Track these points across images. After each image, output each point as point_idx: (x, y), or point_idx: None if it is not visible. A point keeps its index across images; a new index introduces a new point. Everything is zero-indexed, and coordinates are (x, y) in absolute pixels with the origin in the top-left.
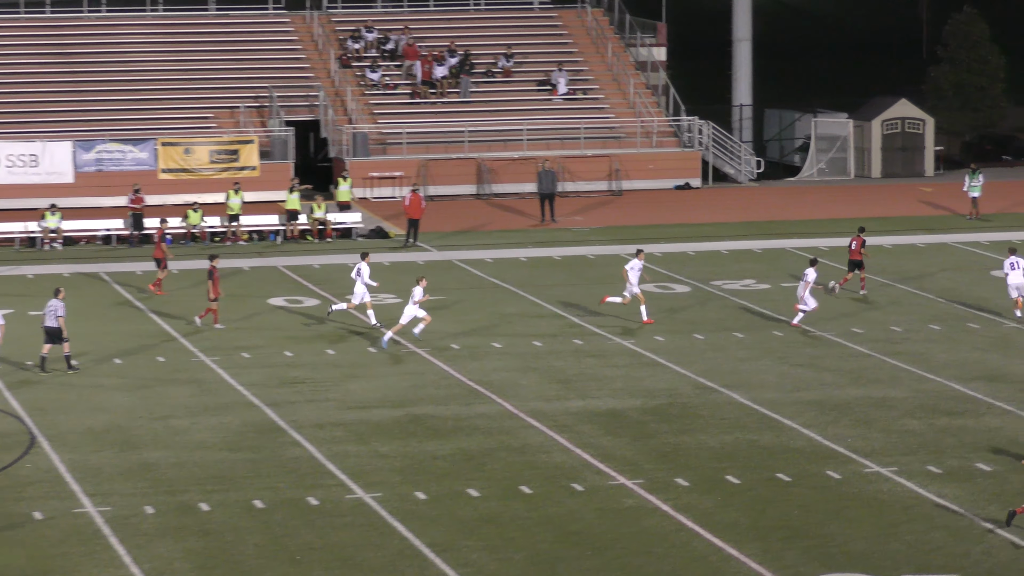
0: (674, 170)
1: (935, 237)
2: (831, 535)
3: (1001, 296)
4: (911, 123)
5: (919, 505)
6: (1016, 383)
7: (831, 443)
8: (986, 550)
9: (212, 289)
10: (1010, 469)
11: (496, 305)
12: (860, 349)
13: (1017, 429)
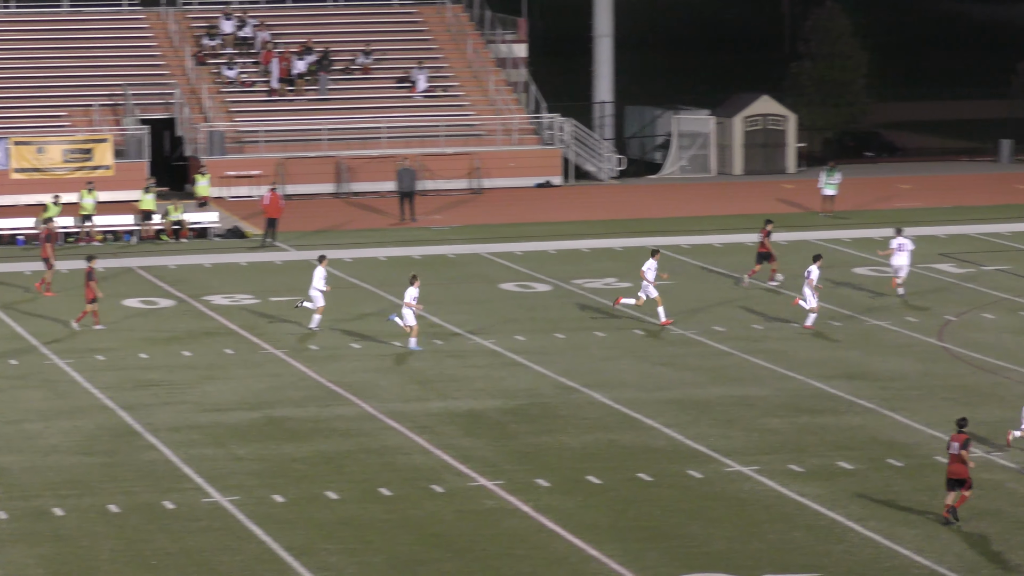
0: (535, 168)
1: (796, 234)
2: (692, 535)
3: (861, 294)
4: (773, 120)
5: (780, 504)
6: (877, 381)
7: (692, 442)
8: (847, 549)
9: (90, 291)
10: (871, 467)
11: (355, 305)
12: (721, 347)
13: (878, 427)
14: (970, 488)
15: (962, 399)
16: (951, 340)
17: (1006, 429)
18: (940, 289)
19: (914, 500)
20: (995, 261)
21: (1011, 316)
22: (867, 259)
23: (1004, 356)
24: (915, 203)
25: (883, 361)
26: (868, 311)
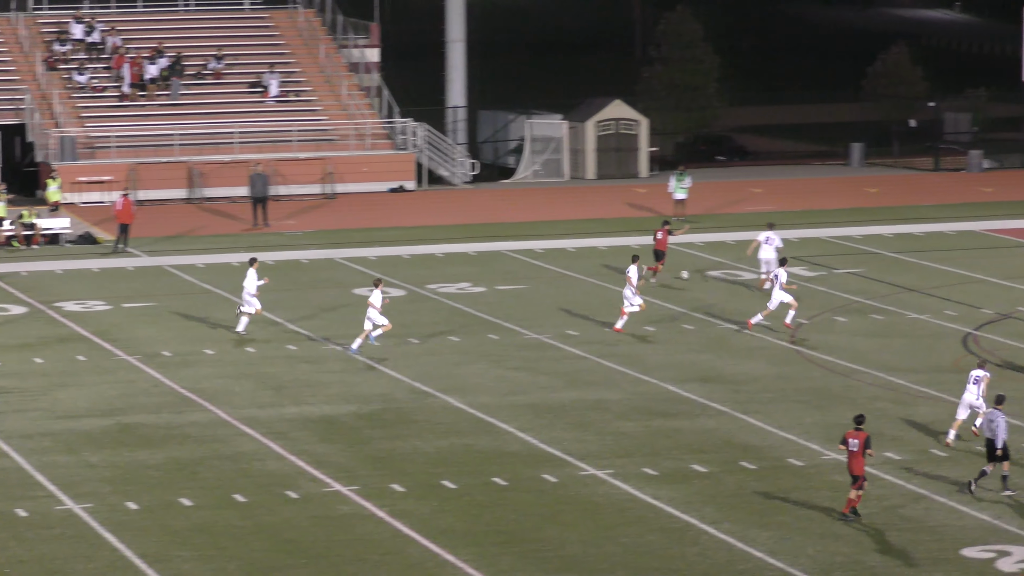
0: (388, 173)
1: (648, 239)
2: (547, 539)
3: (714, 297)
4: (625, 124)
5: (634, 508)
6: (730, 384)
7: (547, 446)
8: (701, 551)
9: None
10: (724, 470)
11: (208, 311)
12: (575, 351)
13: (731, 430)
14: (861, 488)
15: (814, 402)
16: (803, 343)
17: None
18: (792, 292)
19: (767, 502)
20: (846, 264)
21: (862, 319)
22: (720, 263)
23: (856, 359)
24: (767, 207)
25: (736, 364)
26: (721, 314)
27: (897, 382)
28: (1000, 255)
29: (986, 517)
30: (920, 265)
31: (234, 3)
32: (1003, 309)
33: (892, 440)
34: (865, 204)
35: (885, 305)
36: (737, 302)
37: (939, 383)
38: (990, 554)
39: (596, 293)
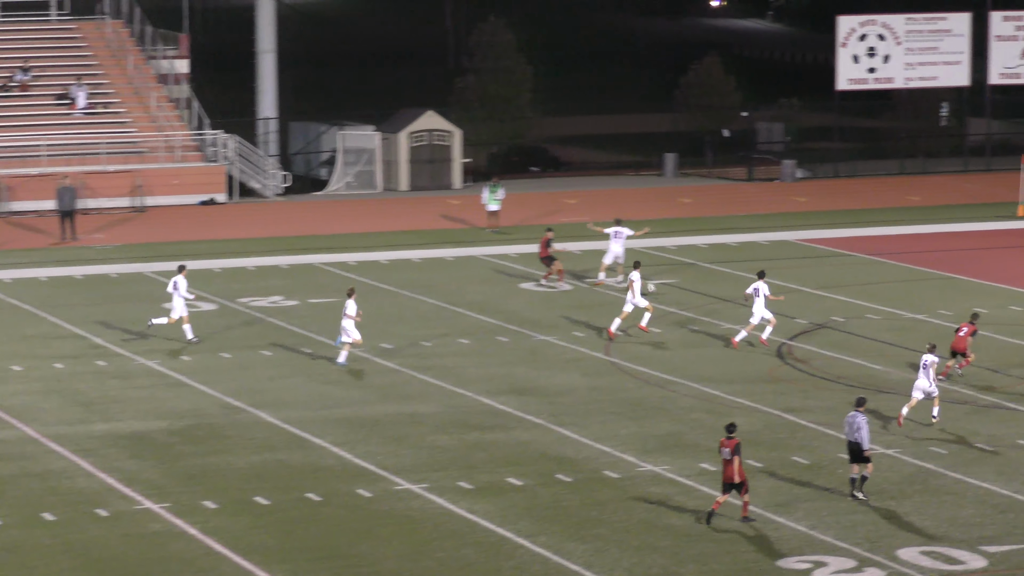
0: (199, 185)
1: (463, 250)
2: (362, 554)
3: (530, 309)
4: (438, 135)
5: (450, 522)
6: (545, 396)
7: (361, 461)
8: (517, 565)
9: None
10: (540, 483)
11: (15, 327)
12: (390, 365)
13: (547, 442)
14: (747, 491)
15: (629, 413)
16: (618, 354)
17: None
18: (607, 304)
19: (583, 515)
20: (661, 275)
21: (678, 330)
22: (534, 275)
23: (671, 370)
24: (581, 217)
25: (551, 376)
26: (535, 326)
27: (713, 393)
28: (814, 265)
29: (803, 528)
30: (735, 275)
31: (40, 14)
32: (817, 319)
33: (708, 451)
34: (679, 214)
35: (700, 316)
36: (552, 313)
37: (754, 393)
38: (807, 565)
39: (410, 306)
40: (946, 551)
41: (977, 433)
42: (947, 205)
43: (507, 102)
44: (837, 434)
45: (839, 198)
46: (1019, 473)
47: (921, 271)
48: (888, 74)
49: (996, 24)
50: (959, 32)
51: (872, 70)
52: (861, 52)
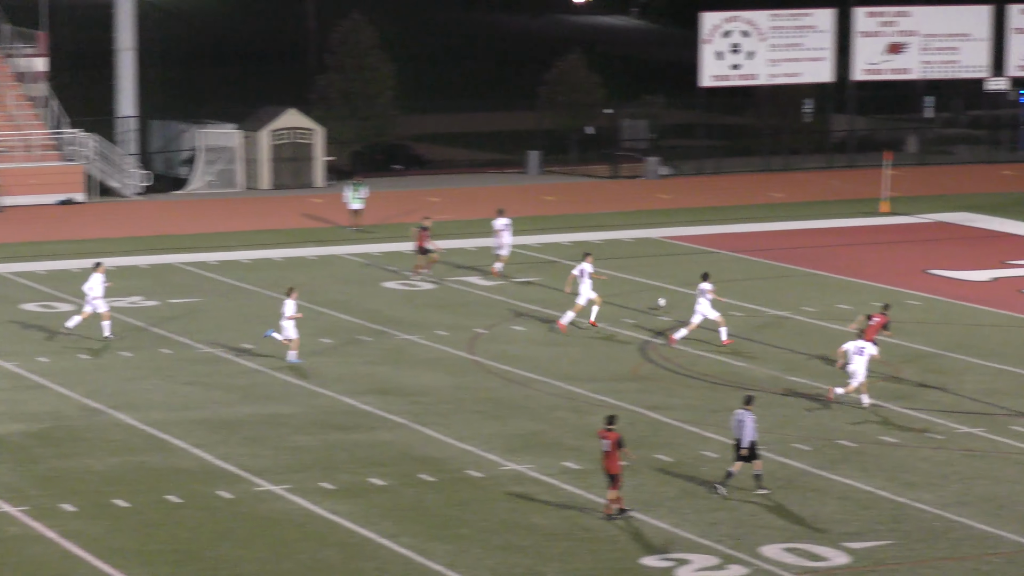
0: (57, 185)
1: (325, 249)
2: (222, 556)
3: (393, 308)
4: (301, 133)
5: (312, 523)
6: (408, 395)
7: (222, 462)
8: (379, 566)
9: None
10: (403, 483)
11: None
12: (250, 365)
13: (409, 442)
14: (619, 487)
15: (493, 412)
16: (481, 353)
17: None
18: (470, 302)
19: (446, 514)
20: (524, 273)
21: (540, 328)
22: (398, 274)
23: (534, 368)
24: (444, 216)
25: (414, 376)
26: (398, 325)
27: (576, 391)
28: (677, 262)
29: (665, 525)
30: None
31: None
32: (681, 316)
33: (571, 449)
34: (543, 212)
35: (562, 313)
36: (415, 312)
37: (618, 391)
38: (669, 563)
39: (271, 306)
40: (809, 547)
41: (840, 430)
42: (810, 202)
43: (369, 100)
44: (700, 432)
45: (703, 195)
46: (881, 469)
47: (784, 268)
48: (752, 70)
49: (860, 20)
50: (823, 28)
51: (736, 67)
52: (725, 49)
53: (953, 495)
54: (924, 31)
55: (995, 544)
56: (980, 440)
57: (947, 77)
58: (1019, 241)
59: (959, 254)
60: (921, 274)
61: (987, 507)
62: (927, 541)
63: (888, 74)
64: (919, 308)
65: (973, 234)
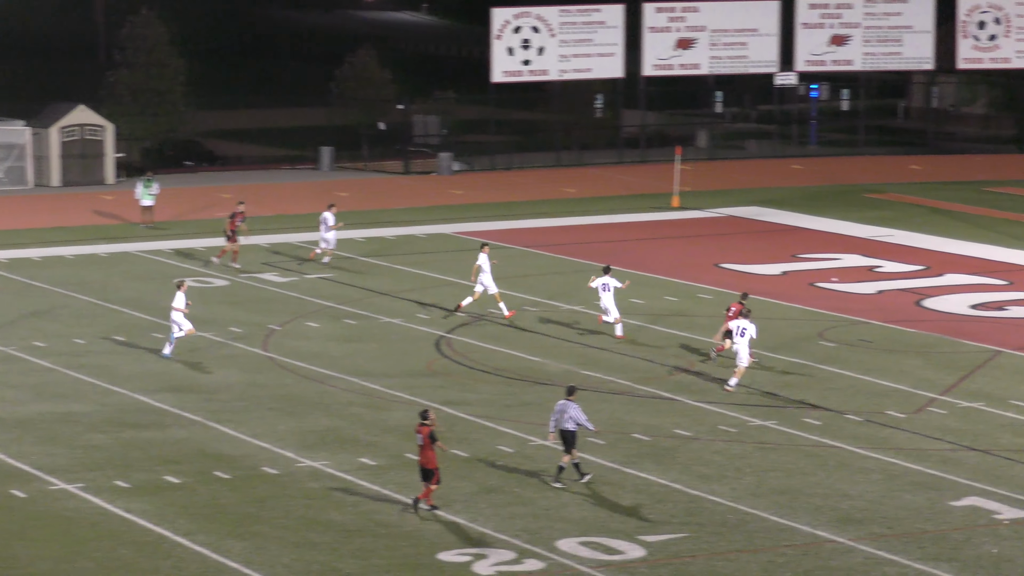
0: None
1: (116, 246)
2: (16, 556)
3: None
4: (91, 130)
5: (106, 521)
6: (203, 393)
7: (15, 461)
8: (175, 564)
9: None
10: (198, 480)
11: None
12: (43, 363)
13: (204, 440)
14: (438, 482)
15: (288, 408)
16: (276, 350)
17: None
18: (264, 299)
19: (242, 511)
20: (318, 270)
21: (334, 324)
22: (191, 270)
23: (329, 364)
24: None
25: (208, 373)
26: (191, 322)
27: (371, 387)
28: (471, 257)
29: (462, 520)
30: (392, 269)
31: None
32: (475, 312)
33: (367, 446)
34: (337, 208)
35: (358, 310)
36: (208, 309)
37: (413, 387)
38: (467, 557)
39: (63, 303)
40: (605, 541)
41: (635, 424)
42: (603, 196)
43: (160, 96)
44: (496, 426)
45: (496, 191)
46: (676, 463)
47: (577, 262)
48: (543, 66)
49: (649, 16)
50: (613, 24)
51: (527, 62)
52: (516, 44)
53: (747, 487)
54: (713, 26)
55: (789, 536)
56: (773, 433)
57: (736, 72)
58: (809, 235)
59: (750, 248)
60: (712, 268)
61: (780, 499)
62: (722, 533)
63: (678, 69)
64: (711, 302)
65: (763, 228)
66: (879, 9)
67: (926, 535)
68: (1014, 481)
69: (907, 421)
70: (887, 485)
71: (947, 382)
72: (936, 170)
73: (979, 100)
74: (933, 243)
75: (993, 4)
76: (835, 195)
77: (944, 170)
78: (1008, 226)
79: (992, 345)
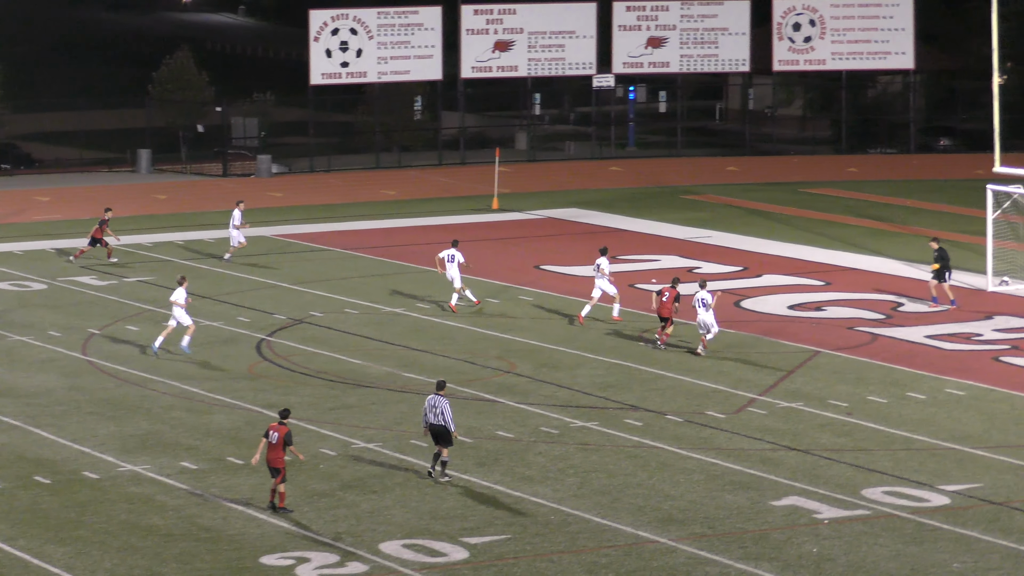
0: None
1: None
2: None
3: (3, 308)
4: None
5: None
6: (22, 397)
7: None
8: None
9: None
10: (18, 485)
11: None
12: None
13: (24, 444)
14: (283, 480)
15: (108, 412)
16: (95, 354)
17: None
18: (83, 302)
19: (63, 516)
20: (137, 272)
21: (154, 327)
22: (7, 273)
23: (149, 368)
24: (53, 215)
25: (28, 377)
26: (10, 327)
27: (192, 390)
28: (291, 260)
29: (285, 524)
30: (212, 272)
31: None
32: (295, 314)
33: (188, 449)
34: (155, 211)
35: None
36: (26, 313)
37: (234, 390)
38: (290, 561)
39: None
40: (428, 543)
41: (457, 425)
42: (423, 199)
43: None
44: (319, 429)
45: (315, 193)
46: (498, 464)
47: (398, 265)
48: (361, 68)
49: (467, 18)
50: (431, 26)
51: (345, 64)
52: (334, 47)
53: (569, 489)
54: (531, 28)
55: (612, 537)
56: (594, 434)
57: (555, 74)
58: (628, 236)
59: (569, 249)
60: (532, 269)
61: (603, 500)
62: (545, 535)
63: (496, 71)
64: (531, 303)
65: (583, 229)
66: (695, 11)
67: (747, 535)
68: (833, 480)
69: (727, 421)
70: (708, 485)
71: (766, 382)
72: (753, 171)
73: (795, 102)
74: (751, 244)
75: (808, 6)
76: (653, 196)
77: (761, 171)
78: (824, 227)
79: (810, 345)
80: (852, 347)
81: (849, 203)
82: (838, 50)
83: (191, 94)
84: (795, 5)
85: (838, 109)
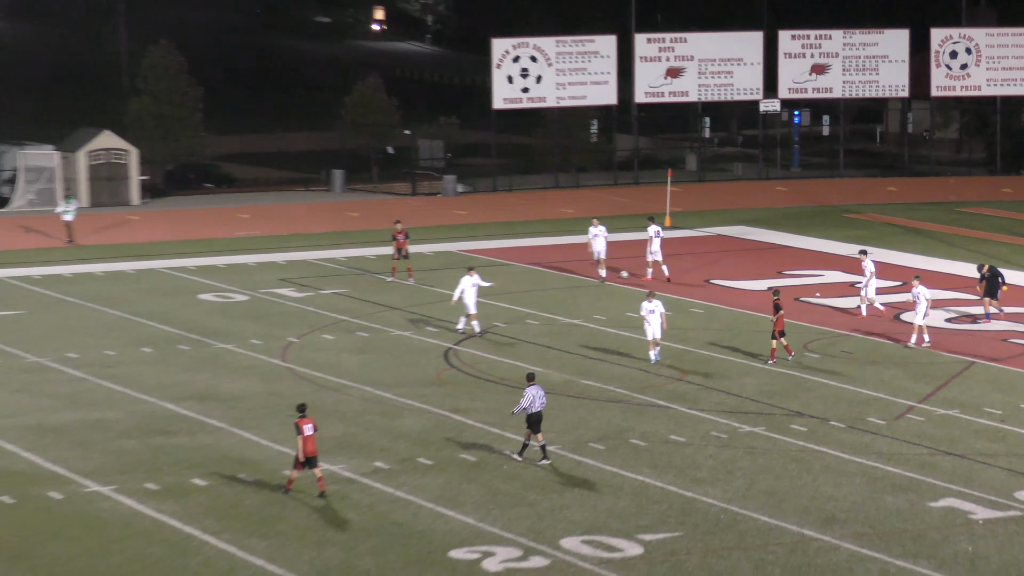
0: None
1: (144, 263)
2: (54, 554)
3: (209, 319)
4: (116, 154)
5: (138, 521)
6: (225, 401)
7: (52, 465)
8: (204, 561)
9: None
10: (223, 483)
11: None
12: (76, 373)
13: (228, 445)
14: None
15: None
16: (294, 360)
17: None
18: (282, 313)
19: (264, 512)
20: (331, 285)
21: (348, 336)
22: (212, 285)
23: (344, 374)
24: (254, 231)
25: (231, 382)
26: (214, 335)
27: (384, 395)
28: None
29: (471, 520)
30: (402, 285)
31: None
32: (481, 325)
33: (381, 450)
34: (347, 228)
35: (370, 323)
36: (229, 323)
37: (423, 395)
38: (476, 555)
39: (94, 317)
40: (606, 540)
41: (632, 429)
42: (598, 216)
43: (180, 121)
44: (502, 432)
45: (497, 211)
46: (671, 466)
47: (576, 279)
48: (541, 93)
49: (641, 46)
50: (606, 54)
51: (526, 90)
52: (515, 73)
53: (737, 490)
54: (701, 56)
55: (778, 535)
56: (761, 439)
57: (723, 99)
58: (793, 252)
59: (738, 265)
60: (704, 284)
61: (769, 500)
62: (715, 533)
63: (668, 96)
64: (702, 316)
65: (750, 246)
66: (857, 40)
67: (906, 534)
68: (987, 483)
69: (887, 427)
70: (869, 488)
71: (924, 391)
72: (911, 192)
73: (951, 125)
74: (908, 260)
75: (965, 35)
76: (816, 215)
77: (919, 191)
78: (978, 244)
79: (966, 355)
80: (1006, 358)
81: (1003, 222)
82: (993, 76)
83: (380, 118)
84: (952, 34)
85: (992, 132)
